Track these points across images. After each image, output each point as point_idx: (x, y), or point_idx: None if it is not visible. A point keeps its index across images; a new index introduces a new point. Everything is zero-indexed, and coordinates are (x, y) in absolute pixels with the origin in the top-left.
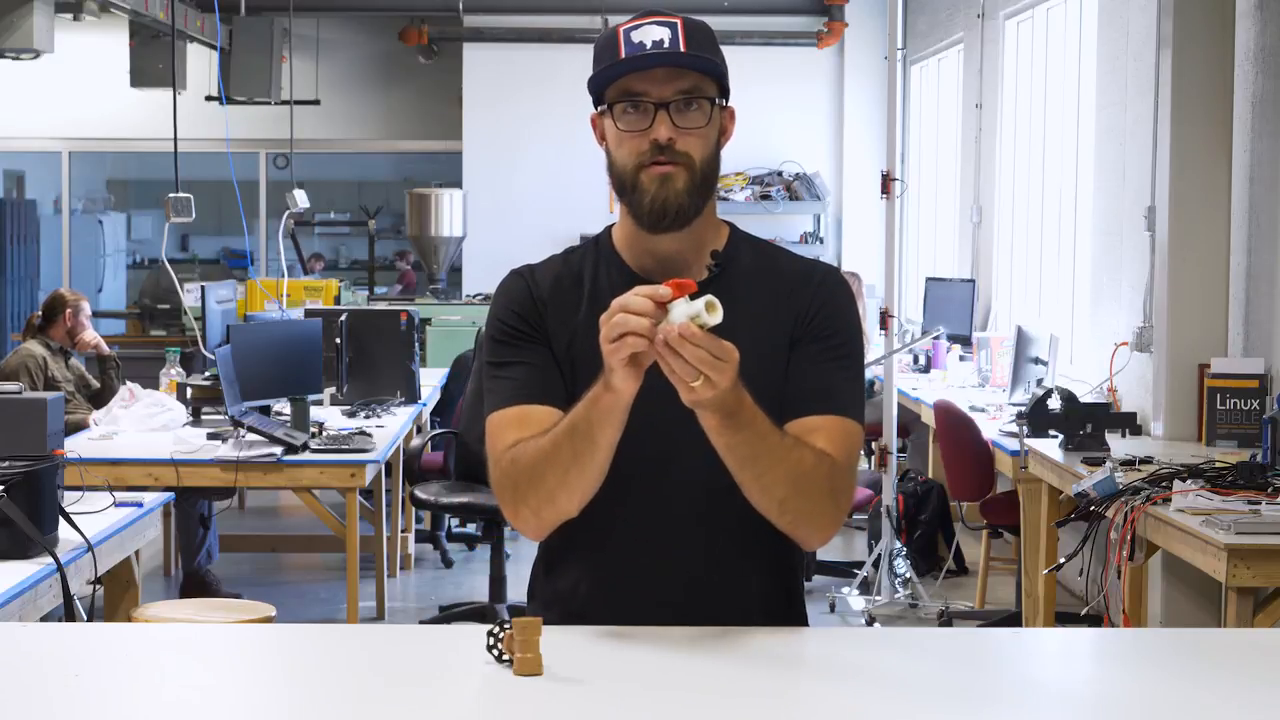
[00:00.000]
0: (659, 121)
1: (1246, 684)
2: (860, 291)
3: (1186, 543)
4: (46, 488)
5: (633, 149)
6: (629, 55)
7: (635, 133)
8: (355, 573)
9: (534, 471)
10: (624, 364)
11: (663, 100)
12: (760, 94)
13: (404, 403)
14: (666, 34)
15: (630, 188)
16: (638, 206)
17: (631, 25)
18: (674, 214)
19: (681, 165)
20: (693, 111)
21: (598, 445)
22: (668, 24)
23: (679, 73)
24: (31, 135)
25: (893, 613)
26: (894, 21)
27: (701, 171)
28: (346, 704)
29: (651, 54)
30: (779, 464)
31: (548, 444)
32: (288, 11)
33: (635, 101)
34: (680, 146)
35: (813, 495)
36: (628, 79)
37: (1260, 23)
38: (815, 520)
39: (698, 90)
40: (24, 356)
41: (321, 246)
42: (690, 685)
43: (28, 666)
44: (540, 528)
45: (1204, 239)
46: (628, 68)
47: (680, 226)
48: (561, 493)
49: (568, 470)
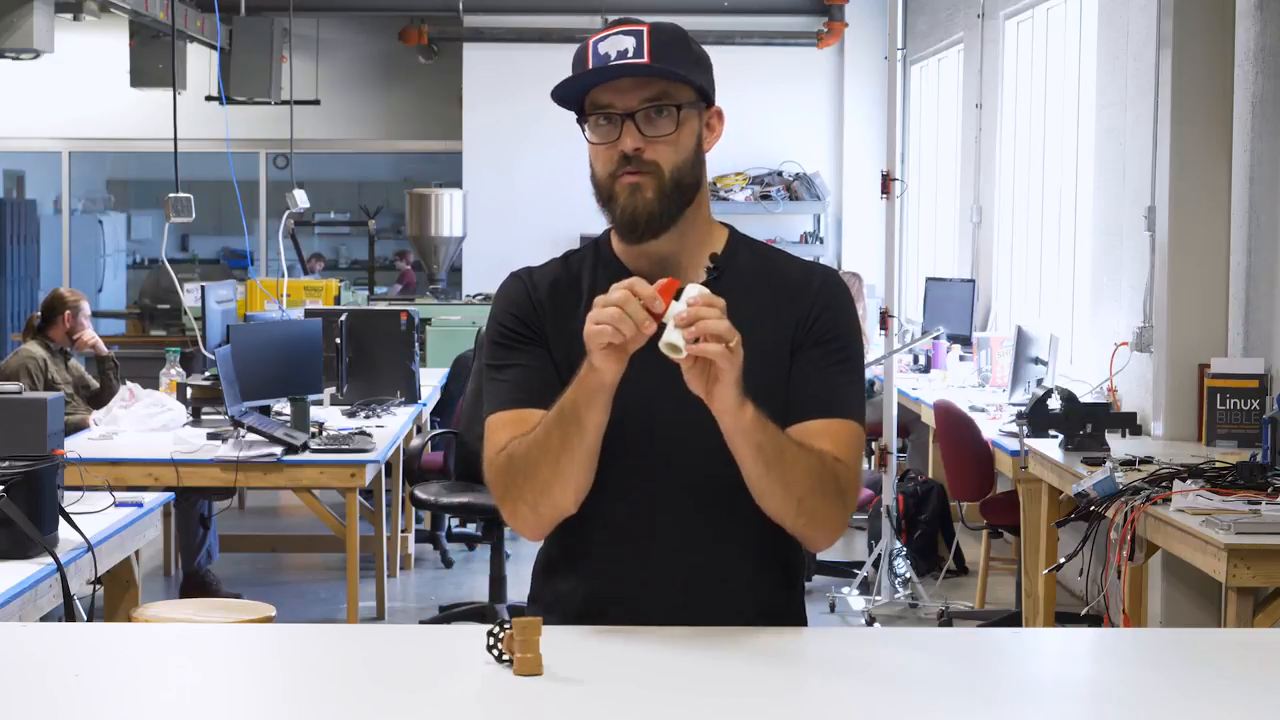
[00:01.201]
0: (625, 132)
1: (1246, 684)
2: (861, 292)
3: (1186, 543)
4: (46, 488)
5: (605, 160)
6: (594, 67)
7: (607, 144)
8: (355, 573)
9: (526, 463)
10: (601, 348)
11: (628, 110)
12: (760, 94)
13: (404, 403)
14: (631, 43)
15: (606, 198)
16: (613, 217)
17: (600, 37)
18: (644, 223)
19: (649, 174)
20: (661, 119)
21: (585, 428)
22: (634, 33)
23: (644, 82)
24: (31, 135)
25: (893, 613)
26: (894, 21)
27: (672, 179)
28: (346, 704)
29: (612, 66)
30: (799, 462)
31: (539, 433)
32: (288, 11)
33: (604, 113)
34: (648, 155)
35: (828, 494)
36: (596, 91)
37: (1260, 23)
38: (828, 521)
39: (665, 97)
40: (24, 358)
41: (321, 246)
42: (690, 685)
43: (28, 666)
44: (539, 524)
45: (1204, 239)
46: (588, 80)
47: (654, 235)
48: (556, 483)
49: (559, 458)
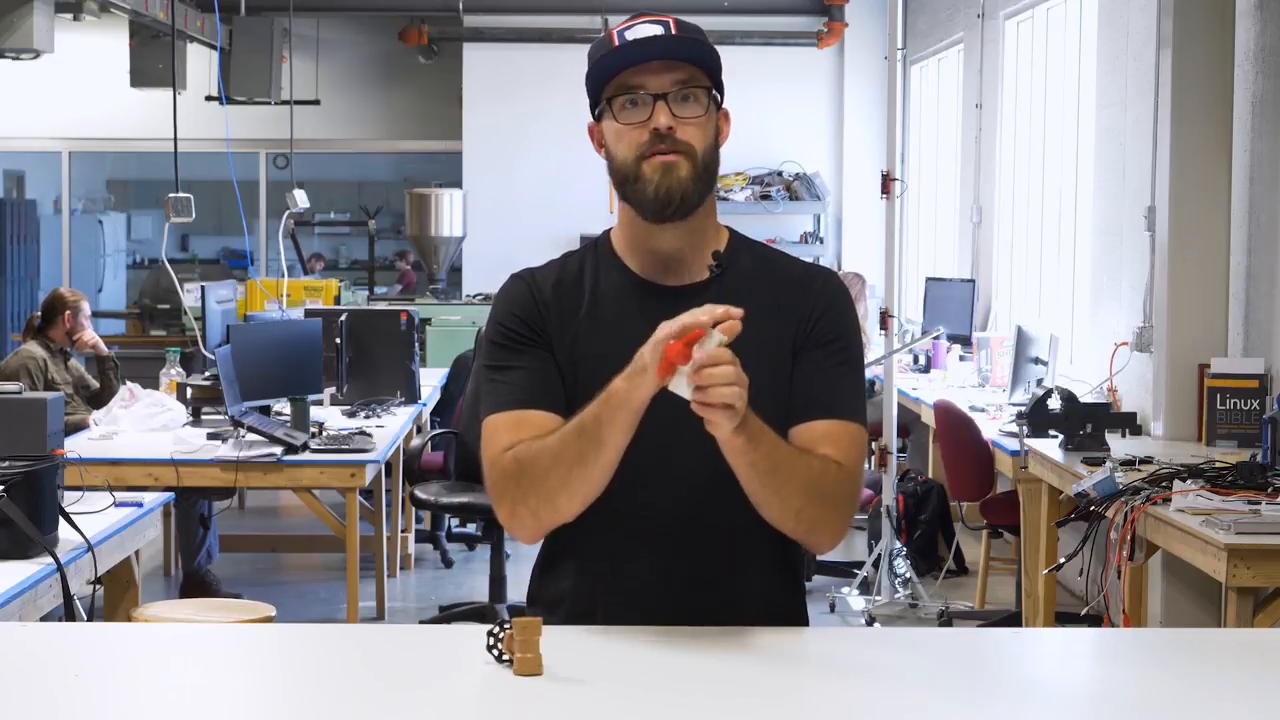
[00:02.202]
0: (658, 111)
1: (1246, 684)
2: (863, 292)
3: (1186, 543)
4: (46, 488)
5: (633, 141)
6: (628, 44)
7: (635, 125)
8: (355, 573)
9: (537, 470)
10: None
11: (660, 91)
12: (760, 94)
13: (404, 403)
14: (659, 30)
15: (633, 179)
16: (641, 196)
17: (625, 26)
18: (678, 201)
19: (683, 154)
20: (690, 102)
21: (605, 445)
22: (660, 22)
23: (674, 65)
24: (31, 135)
25: (893, 613)
26: (894, 21)
27: (703, 161)
28: (346, 704)
29: (646, 42)
30: (795, 474)
31: (554, 442)
32: (288, 11)
33: (633, 95)
34: (681, 135)
35: (826, 502)
36: (624, 74)
37: (1260, 23)
38: (827, 527)
39: (694, 80)
40: (24, 358)
41: (321, 246)
42: (690, 685)
43: (28, 666)
44: (537, 530)
45: (1204, 239)
46: (624, 58)
47: (684, 215)
48: (563, 494)
49: (571, 470)
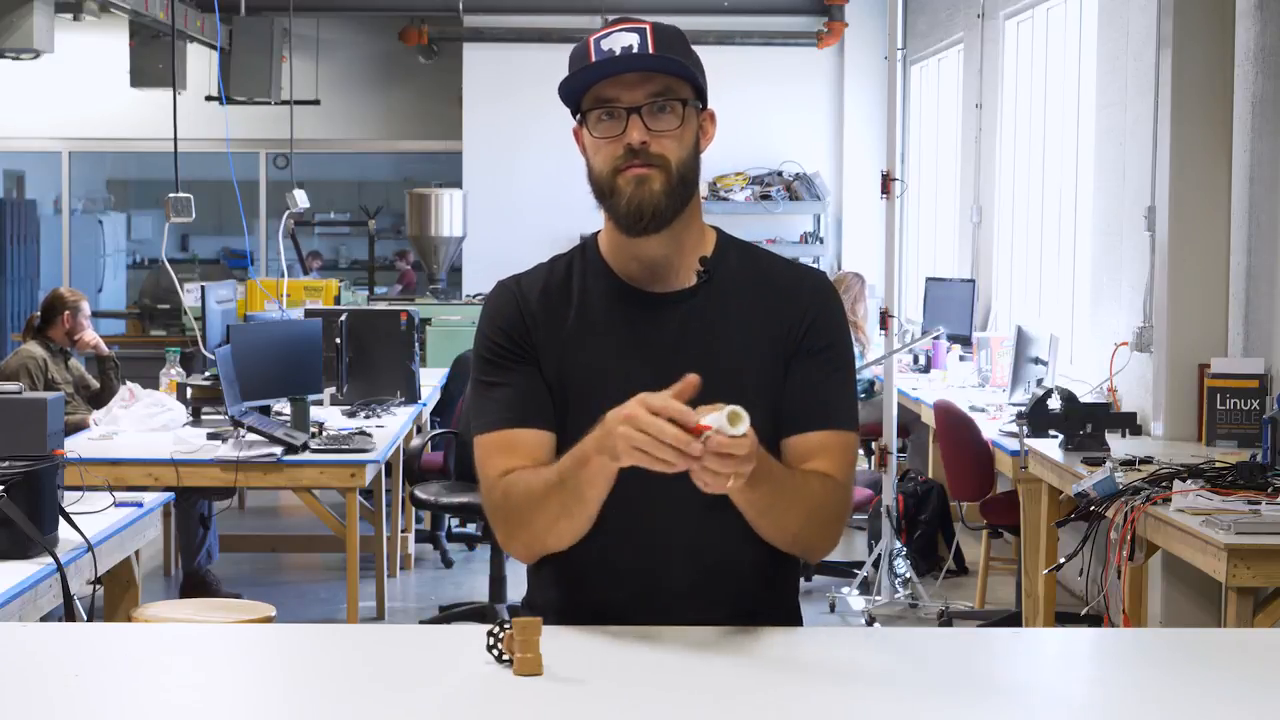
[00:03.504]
0: (631, 125)
1: (1246, 684)
2: (863, 292)
3: (1186, 543)
4: (46, 488)
5: (608, 154)
6: (599, 61)
7: (610, 139)
8: (355, 573)
9: (521, 512)
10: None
11: (634, 104)
12: (760, 94)
13: (404, 403)
14: (635, 39)
15: (608, 192)
16: (615, 210)
17: (602, 34)
18: (650, 215)
19: (657, 167)
20: (665, 114)
21: (586, 501)
22: (636, 30)
23: (648, 76)
24: (31, 135)
25: (893, 613)
26: (894, 21)
27: (678, 173)
28: (346, 704)
29: (619, 58)
30: (795, 503)
31: (538, 491)
32: (288, 11)
33: (608, 108)
34: (655, 149)
35: (823, 523)
36: (599, 86)
37: (1260, 23)
38: (822, 545)
39: (669, 92)
40: (24, 358)
41: (321, 246)
42: (690, 685)
43: (28, 666)
44: (530, 558)
45: (1204, 239)
46: (596, 74)
47: (658, 229)
48: (550, 536)
49: (556, 519)
